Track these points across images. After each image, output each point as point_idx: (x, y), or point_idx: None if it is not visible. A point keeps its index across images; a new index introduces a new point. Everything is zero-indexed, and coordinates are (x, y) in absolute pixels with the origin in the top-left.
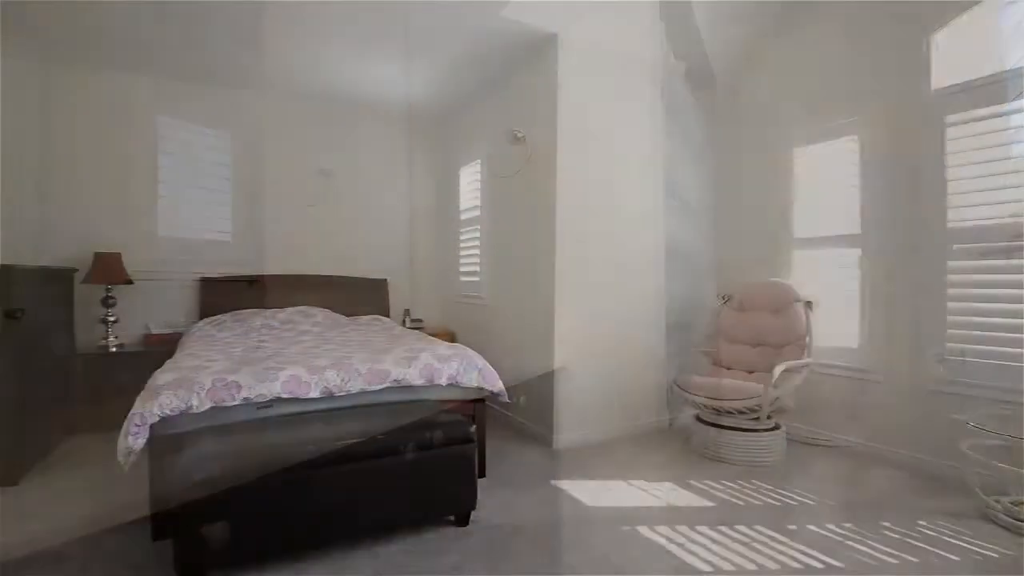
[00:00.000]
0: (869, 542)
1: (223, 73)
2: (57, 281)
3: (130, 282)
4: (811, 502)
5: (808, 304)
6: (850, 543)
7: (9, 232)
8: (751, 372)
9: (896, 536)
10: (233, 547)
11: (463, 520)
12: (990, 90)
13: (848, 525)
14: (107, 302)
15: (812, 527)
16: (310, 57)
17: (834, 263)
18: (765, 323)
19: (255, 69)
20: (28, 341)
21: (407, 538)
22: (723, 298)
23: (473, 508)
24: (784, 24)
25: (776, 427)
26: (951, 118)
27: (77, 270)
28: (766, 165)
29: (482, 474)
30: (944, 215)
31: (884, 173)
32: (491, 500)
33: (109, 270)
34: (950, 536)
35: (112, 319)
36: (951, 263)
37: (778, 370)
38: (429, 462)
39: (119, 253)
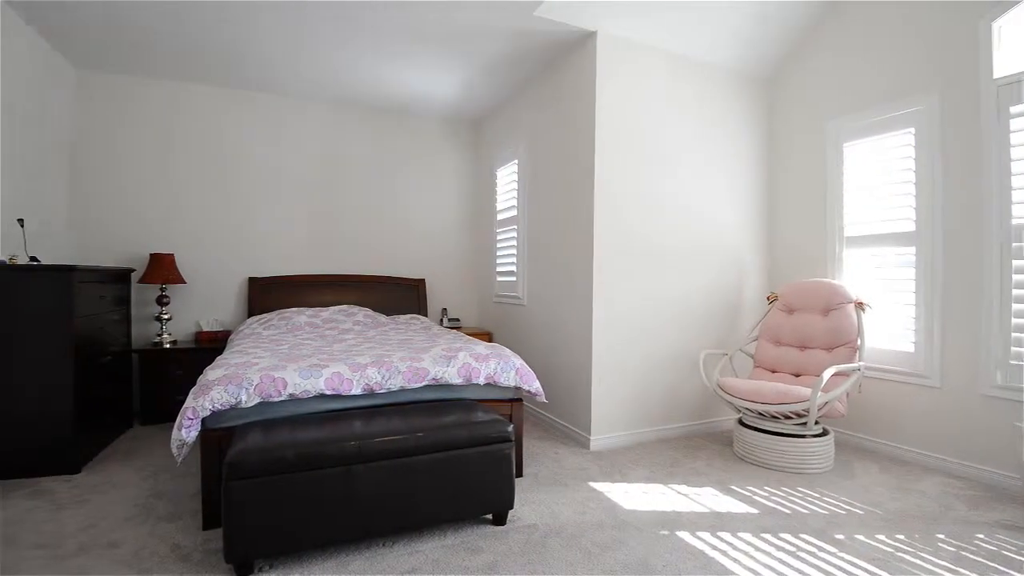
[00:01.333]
0: (923, 555)
1: (270, 80)
2: (116, 280)
3: (183, 281)
4: (860, 511)
5: (860, 305)
6: (902, 555)
7: (77, 234)
8: (798, 375)
9: (952, 549)
10: (278, 538)
11: (500, 519)
12: None
13: (900, 536)
14: (161, 300)
15: (861, 537)
16: (348, 63)
17: (887, 262)
18: (814, 324)
19: (299, 76)
20: (90, 337)
21: (445, 535)
22: (769, 298)
23: (511, 507)
24: (835, 12)
25: (824, 433)
26: (1015, 108)
27: (134, 270)
28: (816, 161)
29: (519, 474)
30: (1008, 211)
31: (942, 167)
32: (528, 500)
33: (164, 270)
34: (1012, 551)
35: (166, 317)
36: (1016, 262)
37: (827, 374)
38: (467, 460)
39: (172, 254)
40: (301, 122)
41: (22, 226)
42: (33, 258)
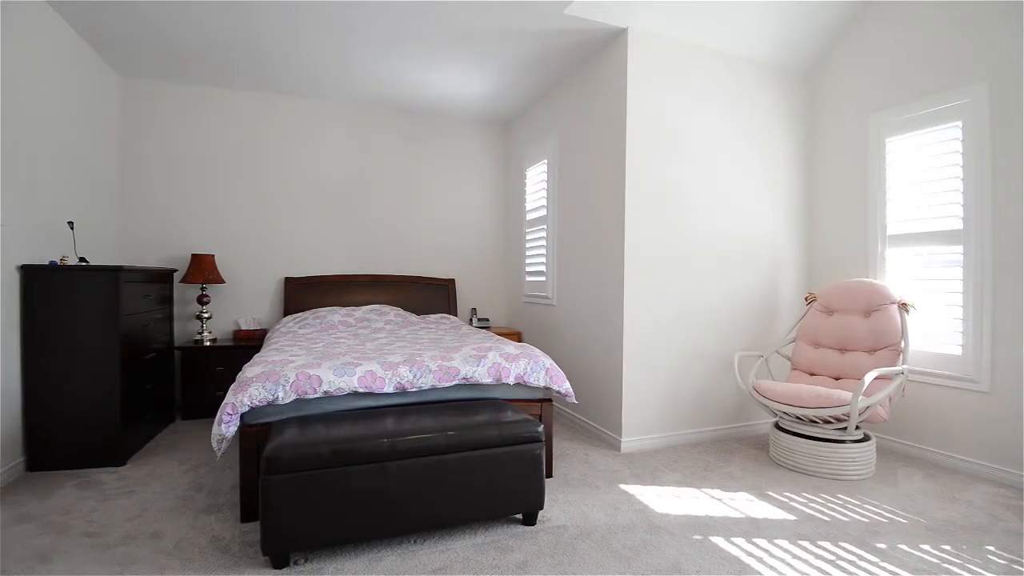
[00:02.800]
0: (970, 567)
1: (304, 84)
2: (160, 280)
3: (222, 281)
4: (904, 520)
5: (904, 306)
6: (948, 567)
7: (122, 236)
8: (837, 379)
9: (1003, 562)
10: (313, 531)
11: (530, 519)
12: None
13: (946, 547)
14: (202, 300)
15: (904, 547)
16: (381, 65)
17: (933, 262)
18: (855, 326)
19: (333, 80)
20: (135, 334)
21: (476, 533)
22: (807, 299)
23: (541, 508)
24: (876, 2)
25: (865, 438)
26: None
27: (176, 270)
28: (857, 157)
29: (549, 474)
30: None
31: (991, 162)
32: (558, 501)
33: (204, 270)
34: None
35: (206, 315)
36: None
37: (869, 377)
38: (497, 460)
39: (213, 255)
40: (335, 125)
41: (72, 228)
42: (82, 259)
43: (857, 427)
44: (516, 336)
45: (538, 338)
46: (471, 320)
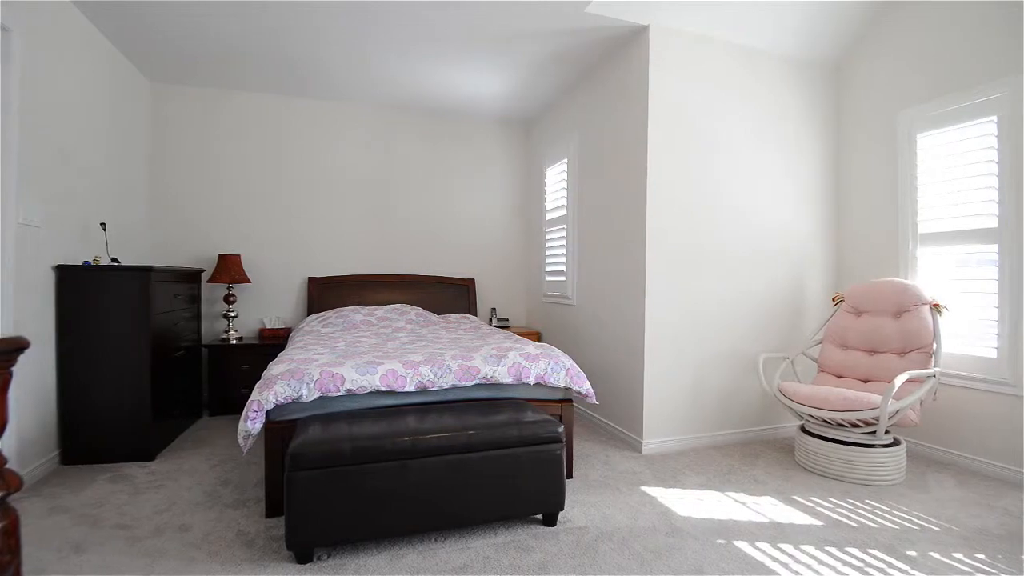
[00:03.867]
0: None
1: (327, 87)
2: (188, 280)
3: (248, 281)
4: (935, 527)
5: (936, 307)
6: None
7: (153, 237)
8: (866, 381)
9: None
10: (336, 527)
11: (550, 520)
12: None
13: (980, 556)
14: (228, 299)
15: (936, 555)
16: (403, 68)
17: (966, 261)
18: (884, 327)
19: (356, 82)
20: (165, 332)
21: (496, 533)
22: (835, 299)
23: (561, 508)
24: None
25: (895, 442)
26: None
27: (204, 270)
28: (886, 153)
29: (569, 475)
30: None
31: None
32: (578, 502)
33: (231, 270)
34: None
35: (233, 314)
36: None
37: (899, 380)
38: (518, 459)
39: (239, 255)
40: (356, 126)
41: (104, 229)
42: (114, 259)
43: (887, 431)
44: (536, 336)
45: (558, 338)
46: (491, 320)
